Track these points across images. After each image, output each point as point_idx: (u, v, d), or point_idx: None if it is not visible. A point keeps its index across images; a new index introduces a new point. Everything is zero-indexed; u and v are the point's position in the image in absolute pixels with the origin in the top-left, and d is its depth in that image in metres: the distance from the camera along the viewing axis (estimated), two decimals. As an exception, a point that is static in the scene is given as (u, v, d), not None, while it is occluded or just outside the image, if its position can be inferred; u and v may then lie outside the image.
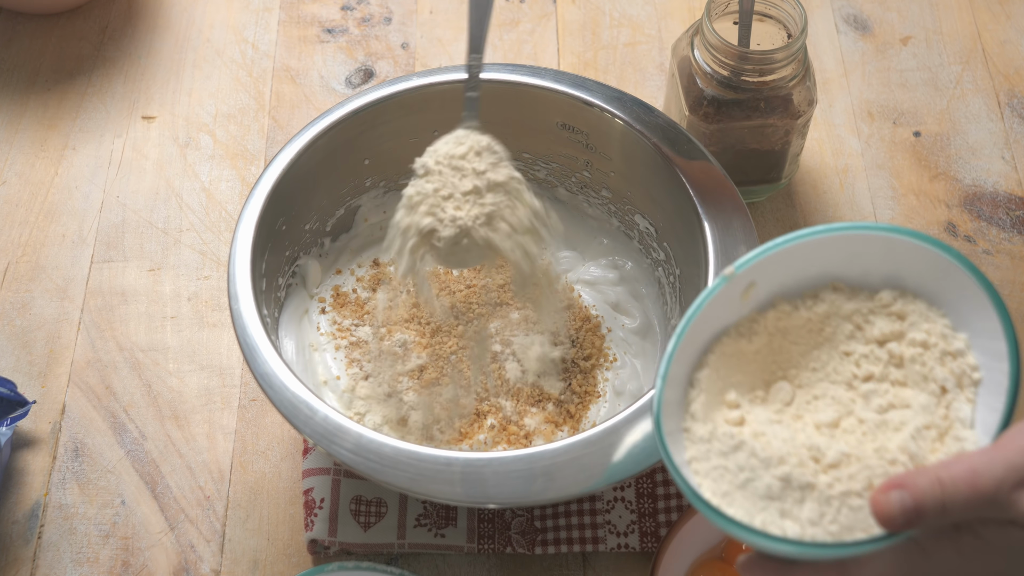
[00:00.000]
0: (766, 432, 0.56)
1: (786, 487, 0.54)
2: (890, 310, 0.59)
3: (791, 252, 0.59)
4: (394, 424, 0.75)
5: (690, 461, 0.56)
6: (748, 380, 0.60)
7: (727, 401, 0.58)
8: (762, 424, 0.57)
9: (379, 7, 1.04)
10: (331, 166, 0.80)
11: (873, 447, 0.54)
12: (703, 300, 0.58)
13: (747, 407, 0.58)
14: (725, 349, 0.60)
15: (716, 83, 0.82)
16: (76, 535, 0.76)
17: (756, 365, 0.60)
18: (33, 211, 0.91)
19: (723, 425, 0.57)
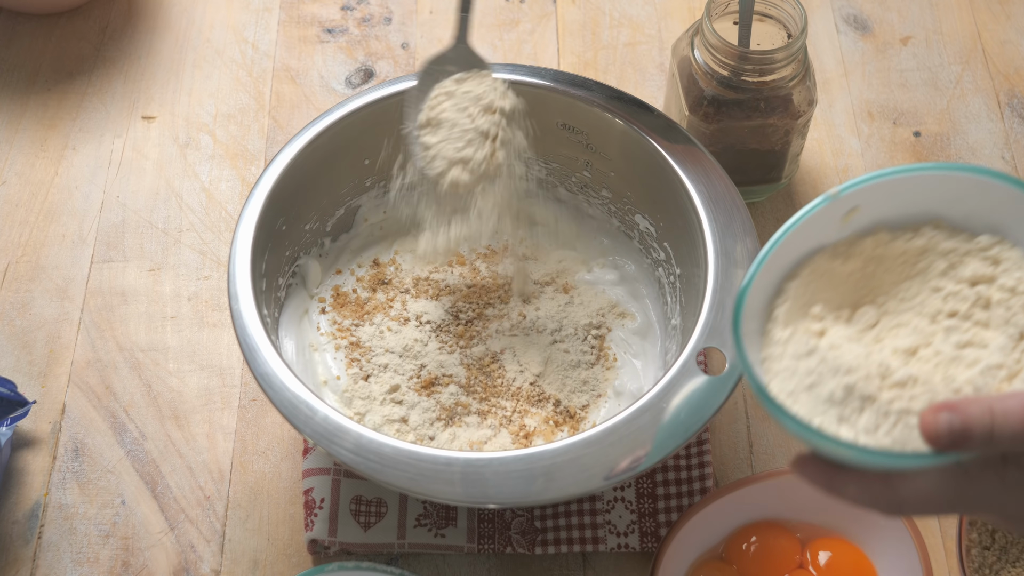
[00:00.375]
0: (842, 346, 0.58)
1: (848, 395, 0.56)
2: (986, 254, 0.60)
3: (898, 183, 0.61)
4: (394, 424, 0.75)
5: (763, 360, 0.59)
6: (836, 299, 0.62)
7: (812, 313, 0.60)
8: (840, 339, 0.59)
9: (379, 7, 1.04)
10: (331, 166, 0.80)
11: (942, 376, 0.56)
12: (803, 215, 0.60)
13: (830, 323, 0.60)
14: (818, 266, 0.62)
15: (716, 83, 0.82)
16: (76, 535, 0.76)
17: (846, 287, 0.62)
18: (33, 211, 0.91)
19: (802, 332, 0.59)
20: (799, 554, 0.73)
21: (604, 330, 0.80)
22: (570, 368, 0.78)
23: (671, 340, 0.78)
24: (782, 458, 0.80)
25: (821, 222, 0.61)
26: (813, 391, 0.57)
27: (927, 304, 0.61)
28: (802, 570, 0.73)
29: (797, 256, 0.62)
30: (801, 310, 0.61)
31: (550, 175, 0.85)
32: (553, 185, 0.85)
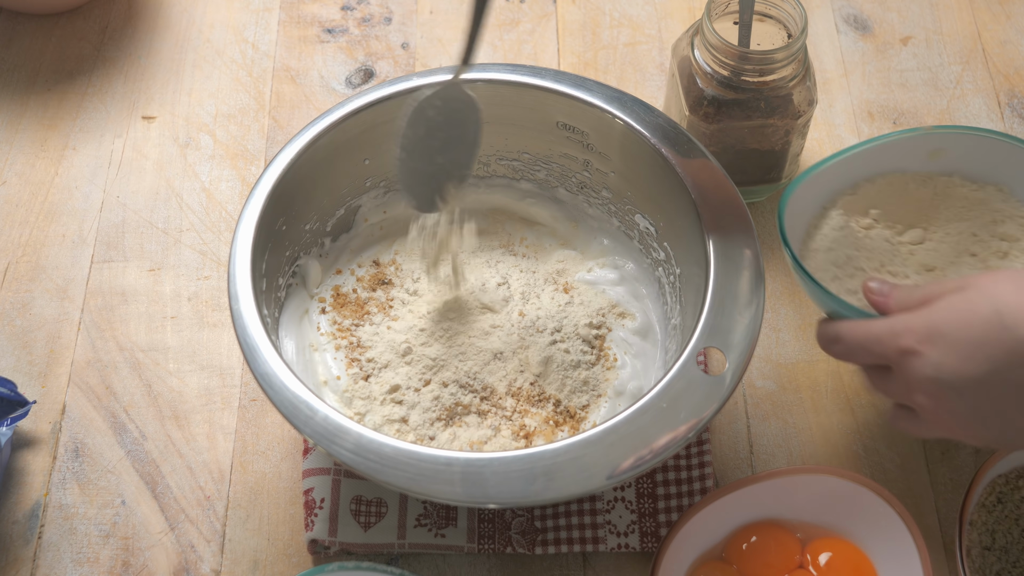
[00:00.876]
0: (874, 237, 0.78)
1: (849, 263, 0.76)
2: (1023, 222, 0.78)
3: (981, 141, 0.78)
4: (394, 424, 0.75)
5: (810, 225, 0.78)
6: (896, 212, 0.80)
7: (870, 212, 0.79)
8: (877, 235, 0.79)
9: (379, 7, 1.04)
10: (331, 166, 0.80)
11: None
12: (889, 138, 0.78)
13: (880, 224, 0.79)
14: (895, 181, 0.79)
15: (716, 83, 0.82)
16: (76, 535, 0.76)
17: (909, 207, 0.80)
18: (33, 211, 0.91)
19: (853, 219, 0.78)
20: (799, 554, 0.73)
21: (604, 330, 0.80)
22: (570, 368, 0.78)
23: (671, 340, 0.78)
24: (782, 458, 0.80)
25: (908, 149, 0.79)
26: (829, 253, 0.76)
27: (962, 244, 0.78)
28: (802, 570, 0.73)
29: (876, 168, 0.80)
30: (862, 206, 0.79)
31: (550, 175, 0.85)
32: (553, 185, 0.85)
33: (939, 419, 0.64)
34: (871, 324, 0.66)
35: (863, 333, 0.67)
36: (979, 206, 0.79)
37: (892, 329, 0.64)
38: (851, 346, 0.68)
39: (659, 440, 0.64)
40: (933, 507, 0.77)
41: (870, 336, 0.66)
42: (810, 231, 0.78)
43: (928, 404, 0.64)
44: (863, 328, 0.67)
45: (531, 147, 0.84)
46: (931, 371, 0.62)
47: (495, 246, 0.85)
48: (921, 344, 0.62)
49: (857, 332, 0.67)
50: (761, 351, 0.84)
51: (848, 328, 0.68)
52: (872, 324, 0.66)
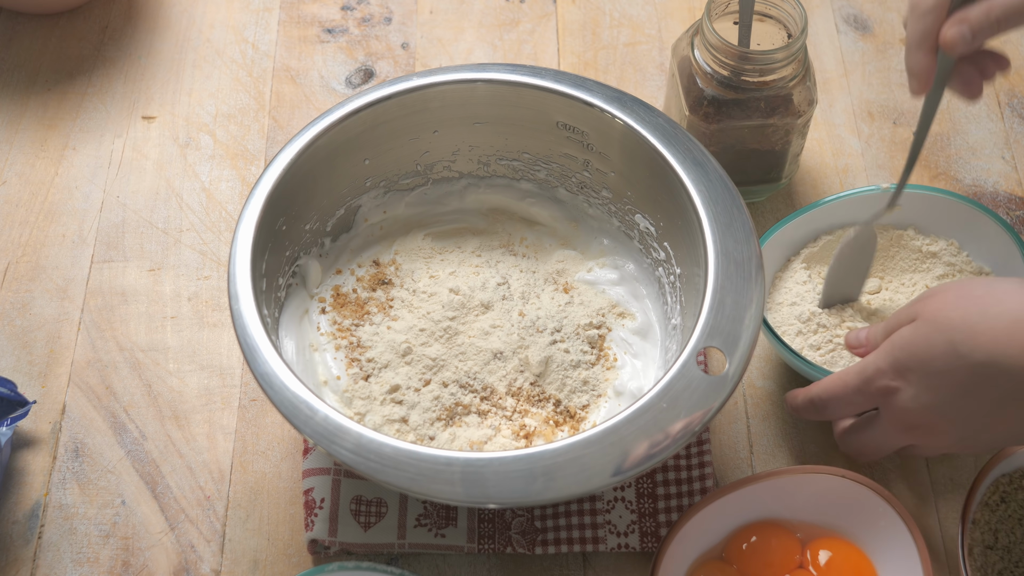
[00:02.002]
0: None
1: (811, 319, 0.81)
2: (974, 275, 0.82)
3: (936, 201, 0.84)
4: (394, 424, 0.75)
5: (777, 277, 0.84)
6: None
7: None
8: None
9: (379, 7, 1.04)
10: (331, 166, 0.80)
11: None
12: (852, 192, 0.84)
13: None
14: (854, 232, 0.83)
15: (716, 83, 0.82)
16: (76, 535, 0.76)
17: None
18: (33, 211, 0.91)
19: (815, 271, 0.84)
20: (799, 554, 0.73)
21: (604, 330, 0.80)
22: (570, 368, 0.78)
23: (671, 340, 0.78)
24: (782, 458, 0.80)
25: (866, 204, 0.83)
26: (793, 308, 0.81)
27: (914, 293, 0.82)
28: (802, 570, 0.73)
29: (837, 221, 0.85)
30: (824, 257, 0.84)
31: (550, 175, 0.85)
32: (553, 185, 0.85)
33: (936, 440, 0.68)
34: (843, 377, 0.70)
35: (840, 388, 0.71)
36: (932, 259, 0.84)
37: (863, 375, 0.68)
38: (832, 404, 0.72)
39: (659, 440, 0.64)
40: (933, 507, 0.77)
41: (848, 388, 0.70)
42: (776, 283, 0.84)
43: (921, 430, 0.68)
44: (837, 384, 0.71)
45: (531, 147, 0.84)
46: (911, 403, 0.66)
47: (495, 246, 0.85)
48: (895, 380, 0.67)
49: (834, 389, 0.71)
50: (761, 351, 0.84)
51: (822, 389, 0.72)
52: (844, 377, 0.70)
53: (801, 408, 0.75)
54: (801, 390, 0.75)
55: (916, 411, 0.66)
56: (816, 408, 0.73)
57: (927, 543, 0.75)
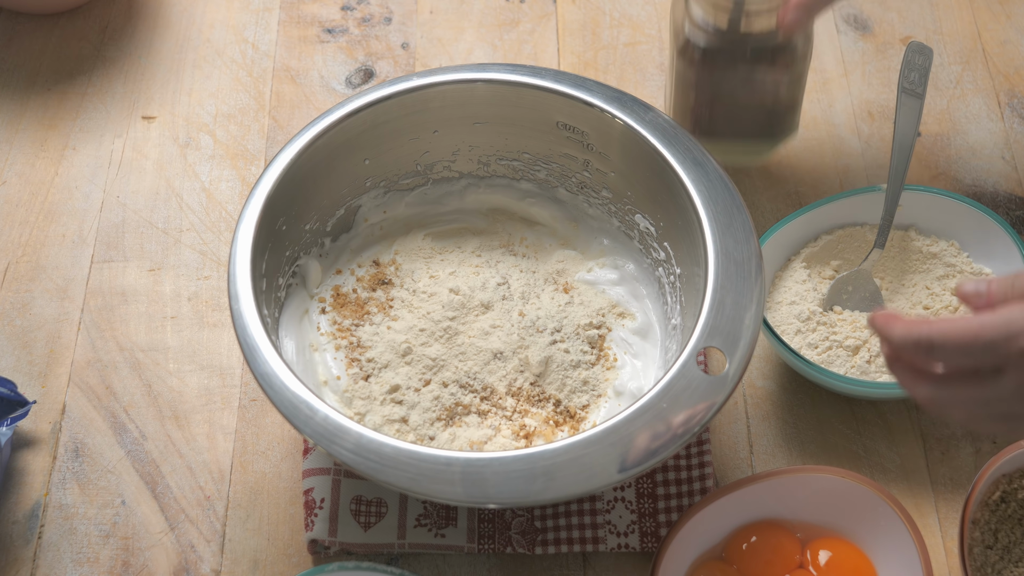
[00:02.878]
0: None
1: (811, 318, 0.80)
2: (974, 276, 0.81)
3: (936, 201, 0.84)
4: (394, 424, 0.75)
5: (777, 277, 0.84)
6: (856, 263, 0.84)
7: (831, 264, 0.85)
8: None
9: (379, 7, 1.04)
10: (331, 166, 0.80)
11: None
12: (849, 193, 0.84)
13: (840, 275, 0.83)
14: (854, 234, 0.85)
15: (711, 33, 0.82)
16: (76, 535, 0.76)
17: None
18: (33, 211, 0.91)
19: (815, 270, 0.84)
20: (799, 554, 0.73)
21: (604, 330, 0.80)
22: (570, 368, 0.78)
23: (671, 340, 0.78)
24: (782, 458, 0.80)
25: (867, 204, 0.84)
26: (792, 307, 0.81)
27: (916, 294, 0.82)
28: (802, 570, 0.73)
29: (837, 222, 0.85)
30: (824, 258, 0.85)
31: (550, 175, 0.85)
32: (553, 185, 0.85)
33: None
34: (976, 325, 0.59)
35: (969, 336, 0.59)
36: (932, 260, 0.84)
37: (1009, 329, 0.58)
38: (949, 351, 0.60)
39: (659, 440, 0.64)
40: (933, 507, 0.77)
41: (980, 340, 0.59)
42: (776, 283, 0.83)
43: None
44: (967, 330, 0.59)
45: (531, 147, 0.84)
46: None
47: (495, 246, 0.85)
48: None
49: (960, 336, 0.60)
50: (761, 351, 0.84)
51: (943, 332, 0.60)
52: (977, 325, 0.59)
53: (900, 343, 0.62)
54: (903, 321, 0.63)
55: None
56: (922, 349, 0.61)
57: (927, 543, 0.75)
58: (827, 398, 0.82)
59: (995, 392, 0.60)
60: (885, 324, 0.64)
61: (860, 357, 0.78)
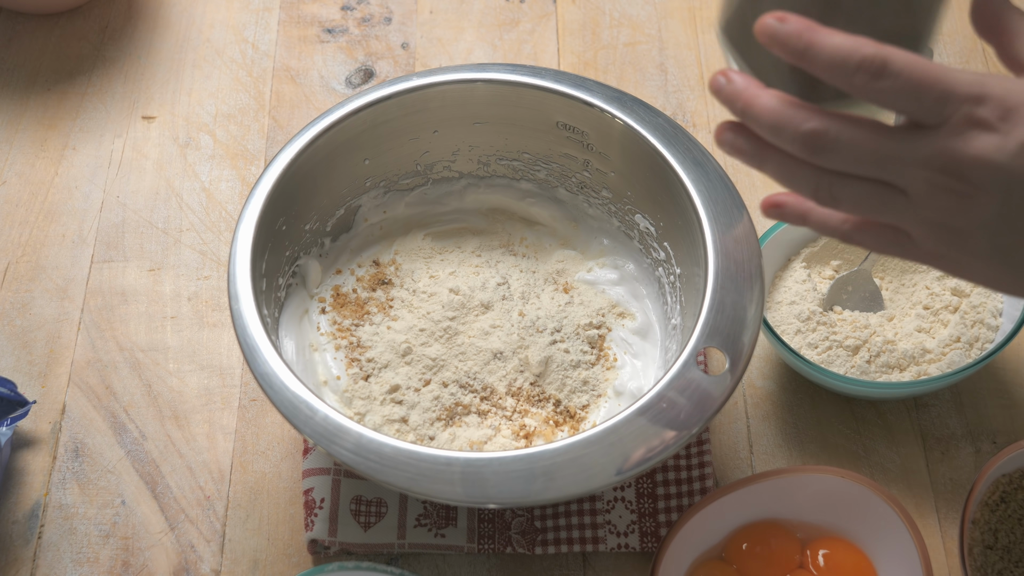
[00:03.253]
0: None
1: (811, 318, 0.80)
2: None
3: None
4: (394, 424, 0.75)
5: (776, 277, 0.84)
6: (856, 263, 0.84)
7: (831, 264, 0.84)
8: None
9: (379, 7, 1.04)
10: (331, 166, 0.80)
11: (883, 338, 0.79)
12: None
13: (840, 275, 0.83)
14: None
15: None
16: (76, 535, 0.76)
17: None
18: (33, 211, 0.91)
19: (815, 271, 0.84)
20: (799, 554, 0.73)
21: (604, 330, 0.80)
22: (570, 368, 0.78)
23: (671, 340, 0.78)
24: (782, 458, 0.80)
25: None
26: (792, 307, 0.81)
27: (916, 294, 0.82)
28: (802, 570, 0.73)
29: None
30: (824, 257, 0.84)
31: (550, 175, 0.85)
32: (553, 185, 0.85)
33: (959, 230, 0.50)
34: (944, 68, 0.49)
35: (933, 73, 0.48)
36: None
37: (974, 88, 0.48)
38: (903, 83, 0.49)
39: (659, 440, 0.64)
40: (933, 507, 0.77)
41: (941, 81, 0.48)
42: (776, 283, 0.83)
43: (958, 204, 0.49)
44: (932, 67, 0.48)
45: (531, 147, 0.84)
46: (1000, 157, 0.48)
47: (495, 246, 0.85)
48: (1002, 122, 0.48)
49: (923, 69, 0.48)
50: (761, 351, 0.84)
51: (906, 60, 0.48)
52: (945, 69, 0.48)
53: (836, 55, 0.48)
54: (838, 32, 0.49)
55: (990, 167, 0.47)
56: (866, 70, 0.48)
57: (927, 543, 0.75)
58: (827, 398, 0.82)
59: (910, 152, 0.50)
60: (811, 27, 0.49)
61: (860, 357, 0.78)
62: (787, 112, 0.50)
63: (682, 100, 0.98)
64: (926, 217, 0.51)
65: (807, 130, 0.50)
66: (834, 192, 0.51)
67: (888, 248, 0.54)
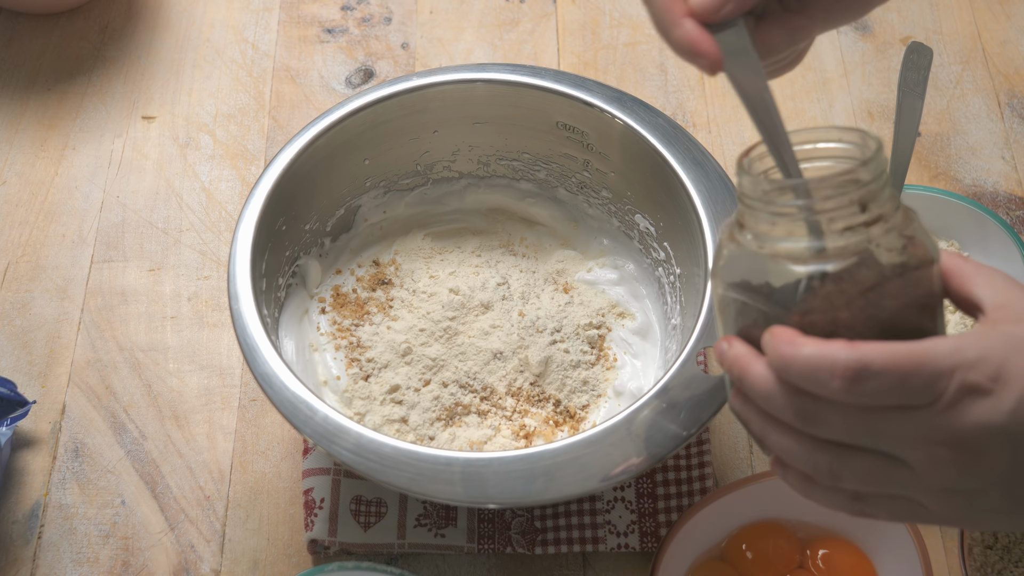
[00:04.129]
0: None
1: None
2: None
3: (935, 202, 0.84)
4: (394, 424, 0.75)
5: None
6: None
7: None
8: None
9: (379, 7, 1.04)
10: (331, 166, 0.80)
11: None
12: None
13: None
14: None
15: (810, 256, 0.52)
16: (76, 535, 0.76)
17: None
18: (33, 211, 0.91)
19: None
20: (799, 554, 0.73)
21: (604, 330, 0.80)
22: (570, 368, 0.78)
23: (671, 340, 0.78)
24: (782, 458, 0.80)
25: None
26: None
27: None
28: (802, 570, 0.73)
29: None
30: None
31: (550, 175, 0.85)
32: (553, 185, 0.85)
33: (971, 491, 0.49)
34: (923, 348, 0.47)
35: (915, 362, 0.47)
36: None
37: (958, 357, 0.47)
38: (886, 381, 0.47)
39: (659, 440, 0.64)
40: (933, 507, 0.77)
41: (925, 364, 0.47)
42: None
43: (965, 470, 0.48)
44: (914, 355, 0.47)
45: (531, 147, 0.84)
46: (1001, 419, 0.47)
47: (495, 246, 0.85)
48: (994, 382, 0.47)
49: (905, 362, 0.47)
50: (761, 351, 0.84)
51: (887, 355, 0.47)
52: (924, 348, 0.47)
53: (810, 367, 0.48)
54: (812, 340, 0.48)
55: (993, 430, 0.47)
56: (847, 377, 0.47)
57: (927, 543, 0.75)
58: (827, 398, 0.82)
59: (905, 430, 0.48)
60: (787, 340, 0.49)
61: None
62: (779, 382, 0.50)
63: (682, 100, 0.98)
64: (934, 486, 0.49)
65: (797, 400, 0.49)
66: (834, 468, 0.50)
67: (902, 519, 0.52)
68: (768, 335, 0.50)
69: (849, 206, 0.50)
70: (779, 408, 0.50)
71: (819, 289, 0.50)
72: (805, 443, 0.51)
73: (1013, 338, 0.48)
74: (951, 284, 0.52)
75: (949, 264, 0.52)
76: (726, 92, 0.98)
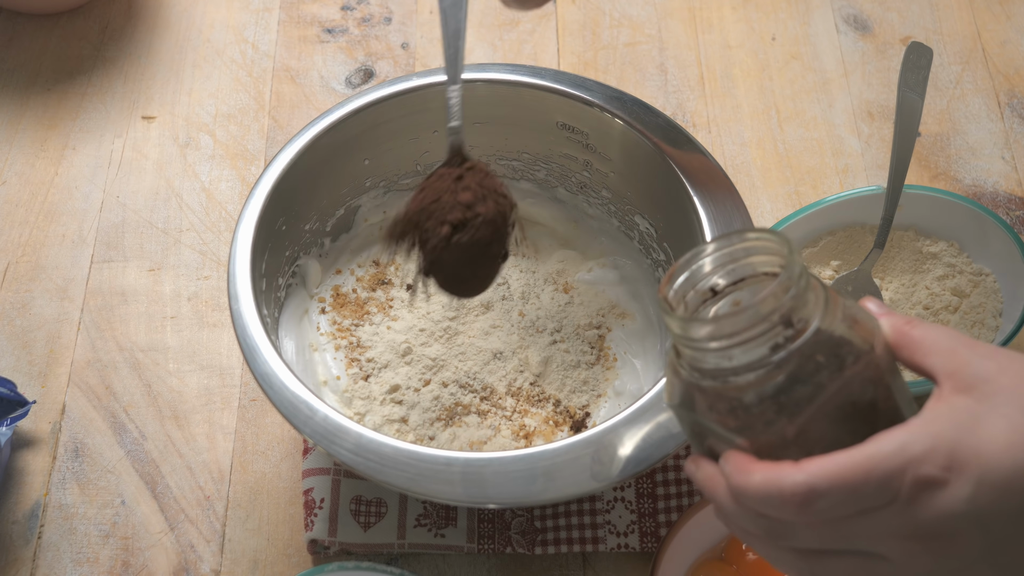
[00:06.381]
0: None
1: None
2: (974, 277, 0.82)
3: (936, 202, 0.84)
4: (394, 424, 0.75)
5: None
6: (855, 263, 0.84)
7: (831, 264, 0.85)
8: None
9: (379, 7, 1.04)
10: (331, 166, 0.80)
11: None
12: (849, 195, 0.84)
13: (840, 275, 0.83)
14: (854, 234, 0.85)
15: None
16: (76, 535, 0.76)
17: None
18: (33, 211, 0.91)
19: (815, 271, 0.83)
20: (799, 554, 0.73)
21: (604, 330, 0.80)
22: (570, 368, 0.78)
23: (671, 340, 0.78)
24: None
25: (867, 205, 0.83)
26: None
27: (916, 294, 0.83)
28: (802, 570, 0.73)
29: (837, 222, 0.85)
30: (824, 258, 0.85)
31: (550, 175, 0.85)
32: (553, 185, 0.85)
33: (956, 570, 0.49)
34: (863, 456, 0.47)
35: (860, 473, 0.47)
36: (932, 260, 0.84)
37: (905, 454, 0.46)
38: (836, 497, 0.47)
39: (659, 440, 0.64)
40: (933, 507, 0.77)
41: (874, 474, 0.47)
42: None
43: (941, 556, 0.48)
44: (855, 465, 0.47)
45: (531, 147, 0.84)
46: (962, 506, 0.46)
47: (495, 246, 0.85)
48: (947, 471, 0.46)
49: (847, 474, 0.47)
50: (761, 351, 0.84)
51: (831, 474, 0.47)
52: (866, 456, 0.47)
53: (760, 498, 0.48)
54: (760, 466, 0.49)
55: (956, 517, 0.46)
56: (798, 504, 0.47)
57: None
58: (827, 398, 0.82)
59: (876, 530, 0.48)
60: (738, 469, 0.49)
61: None
62: (738, 503, 0.50)
63: (682, 100, 0.98)
64: (918, 574, 0.49)
65: (763, 521, 0.50)
66: (816, 572, 0.51)
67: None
68: (723, 462, 0.51)
69: (773, 327, 0.49)
70: (750, 526, 0.51)
71: (760, 411, 0.50)
72: (782, 553, 0.51)
73: (961, 414, 0.48)
74: (900, 356, 0.51)
75: (895, 337, 0.51)
76: (726, 92, 0.98)
